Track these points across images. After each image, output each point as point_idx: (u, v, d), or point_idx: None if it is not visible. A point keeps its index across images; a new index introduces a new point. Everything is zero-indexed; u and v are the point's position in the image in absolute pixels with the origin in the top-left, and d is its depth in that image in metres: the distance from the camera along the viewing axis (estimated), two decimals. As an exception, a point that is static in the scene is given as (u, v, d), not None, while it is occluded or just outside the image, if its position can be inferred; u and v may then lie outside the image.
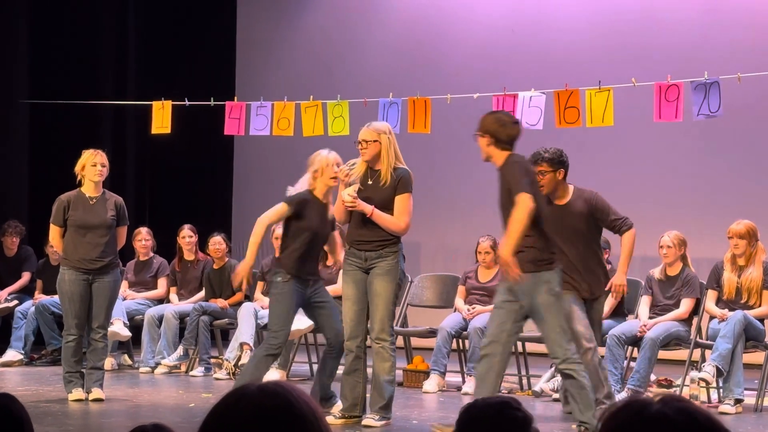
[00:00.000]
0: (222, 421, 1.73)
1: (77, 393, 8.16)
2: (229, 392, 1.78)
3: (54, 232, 8.44)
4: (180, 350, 10.18)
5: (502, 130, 6.84)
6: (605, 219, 7.77)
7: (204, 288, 10.54)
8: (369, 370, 7.34)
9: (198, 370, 10.07)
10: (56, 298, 10.77)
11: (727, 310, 8.42)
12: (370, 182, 7.37)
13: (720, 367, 8.07)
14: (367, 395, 7.31)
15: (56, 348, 10.70)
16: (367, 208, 7.24)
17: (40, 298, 10.76)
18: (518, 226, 6.45)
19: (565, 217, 7.59)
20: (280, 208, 7.62)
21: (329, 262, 10.06)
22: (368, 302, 7.27)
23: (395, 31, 13.18)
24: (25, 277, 11.12)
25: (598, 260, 7.78)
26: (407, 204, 7.33)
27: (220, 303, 10.28)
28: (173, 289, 10.76)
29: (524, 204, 6.48)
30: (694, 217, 10.90)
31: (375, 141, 7.38)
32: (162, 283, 10.81)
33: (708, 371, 8.09)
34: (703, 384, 8.31)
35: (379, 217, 7.24)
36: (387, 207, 7.28)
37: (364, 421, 7.20)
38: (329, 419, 7.09)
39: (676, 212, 11.09)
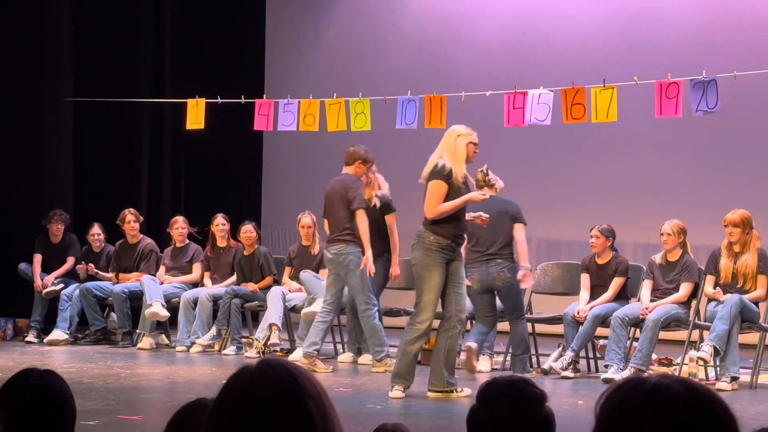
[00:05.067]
0: (230, 396, 1.71)
1: None
2: (236, 371, 1.76)
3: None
4: (213, 330, 10.18)
5: None
6: None
7: (235, 273, 10.52)
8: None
9: (230, 349, 10.07)
10: (100, 282, 10.83)
11: (720, 291, 8.38)
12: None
13: (717, 346, 8.02)
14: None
15: (99, 328, 10.74)
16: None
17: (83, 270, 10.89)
18: None
19: None
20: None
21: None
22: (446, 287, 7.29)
23: (413, 33, 13.13)
24: (70, 262, 11.14)
25: None
26: None
27: (250, 287, 10.27)
28: (207, 274, 10.76)
29: None
30: (693, 206, 10.83)
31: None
32: (197, 268, 10.81)
33: (706, 351, 8.05)
34: (701, 363, 8.26)
35: None
36: None
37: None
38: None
39: (676, 202, 11.01)
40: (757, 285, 8.41)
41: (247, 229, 10.51)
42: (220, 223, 10.67)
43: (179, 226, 10.87)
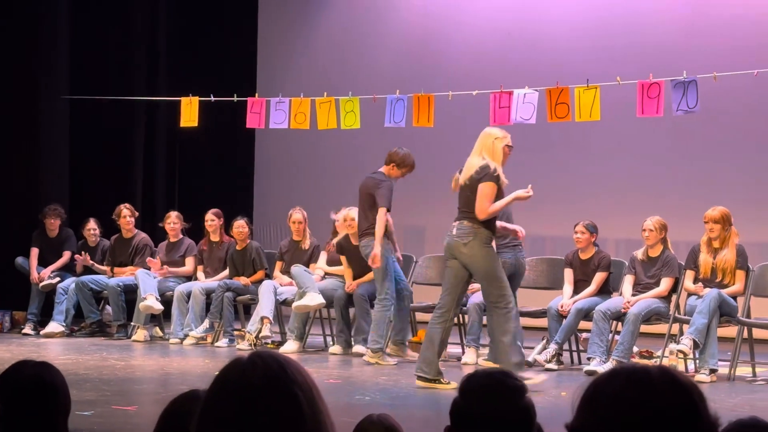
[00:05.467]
0: (222, 387, 1.74)
1: None
2: (229, 362, 1.79)
3: None
4: (206, 323, 10.20)
5: None
6: None
7: (228, 267, 10.55)
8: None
9: (222, 342, 10.09)
10: (95, 276, 10.84)
11: (702, 285, 8.43)
12: None
13: (696, 340, 8.07)
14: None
15: (94, 321, 10.75)
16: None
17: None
18: None
19: None
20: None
21: (333, 242, 10.07)
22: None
23: (402, 34, 13.16)
24: (66, 256, 11.14)
25: None
26: None
27: (242, 281, 10.29)
28: (200, 268, 10.78)
29: None
30: (674, 203, 10.88)
31: None
32: (189, 261, 10.83)
33: (685, 344, 8.10)
34: (681, 355, 8.31)
35: None
36: None
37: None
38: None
39: (658, 199, 11.07)
40: (736, 280, 8.47)
41: (240, 225, 10.54)
42: (209, 219, 10.70)
43: (171, 221, 10.89)
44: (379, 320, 8.88)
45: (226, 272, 10.54)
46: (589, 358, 8.56)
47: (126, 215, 10.92)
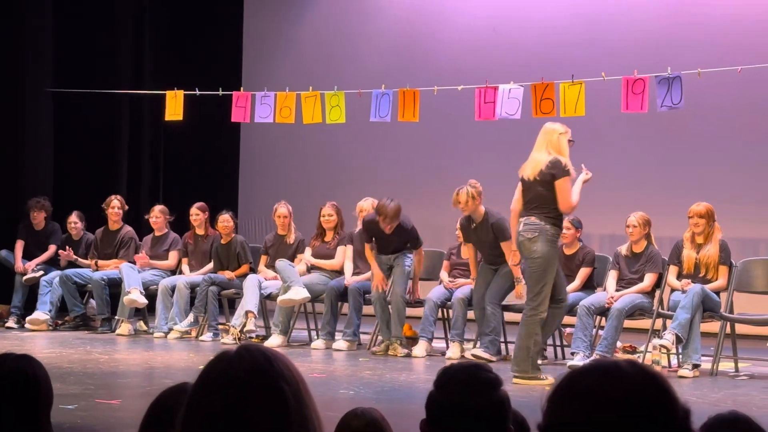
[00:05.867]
0: (208, 380, 1.73)
1: None
2: (216, 355, 1.79)
3: None
4: (191, 317, 10.19)
5: None
6: None
7: (213, 260, 10.54)
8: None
9: (207, 336, 10.08)
10: (79, 269, 10.81)
11: (689, 281, 8.45)
12: None
13: (679, 334, 8.10)
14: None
15: (78, 314, 10.73)
16: None
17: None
18: None
19: None
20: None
21: (327, 239, 10.08)
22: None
23: (388, 29, 13.16)
24: (51, 249, 11.11)
25: None
26: None
27: (227, 275, 10.29)
28: (185, 260, 10.77)
29: None
30: (658, 198, 10.91)
31: None
32: (173, 255, 10.82)
33: (668, 338, 8.13)
34: (664, 350, 8.34)
35: None
36: None
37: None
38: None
39: (641, 194, 11.10)
40: (719, 275, 8.51)
41: (224, 219, 10.53)
42: (194, 213, 10.69)
43: (154, 216, 10.88)
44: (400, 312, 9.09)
45: (211, 265, 10.52)
46: (572, 353, 8.58)
47: (115, 206, 10.92)
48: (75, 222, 11.10)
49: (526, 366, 7.54)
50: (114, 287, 10.56)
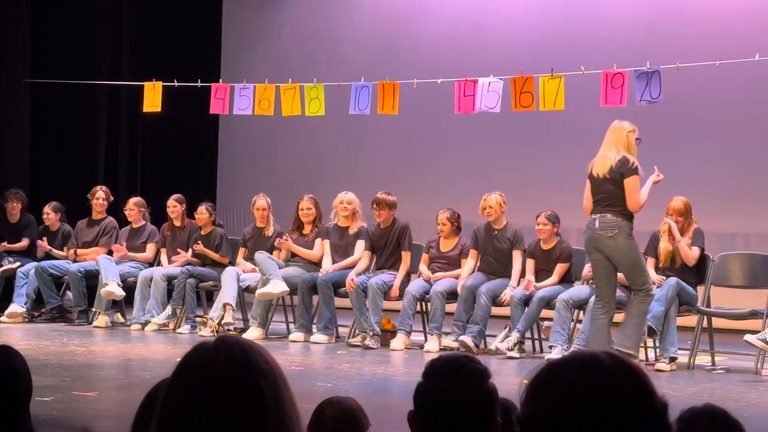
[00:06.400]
0: (185, 372, 1.73)
1: None
2: (193, 347, 1.78)
3: None
4: (168, 309, 10.17)
5: None
6: None
7: (191, 250, 10.49)
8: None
9: (185, 328, 10.06)
10: (56, 261, 10.77)
11: (664, 277, 8.49)
12: None
13: (653, 326, 8.13)
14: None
15: (54, 306, 10.68)
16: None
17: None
18: None
19: None
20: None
21: (305, 231, 10.07)
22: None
23: (368, 21, 13.14)
24: (24, 242, 11.05)
25: None
26: None
27: (200, 248, 10.25)
28: (163, 250, 10.75)
29: None
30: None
31: None
32: (150, 248, 10.80)
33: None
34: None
35: None
36: None
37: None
38: None
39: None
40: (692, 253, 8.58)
41: (200, 210, 10.52)
42: (171, 205, 10.68)
43: (128, 208, 10.87)
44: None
45: (190, 253, 10.46)
46: (550, 346, 8.61)
47: (100, 197, 10.92)
48: (48, 213, 11.05)
49: (637, 350, 7.88)
50: (91, 279, 10.52)
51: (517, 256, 9.22)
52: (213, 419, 1.67)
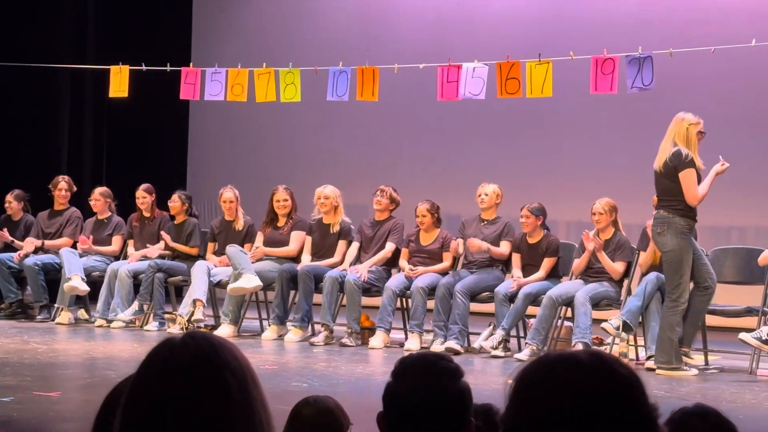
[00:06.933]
0: (150, 367, 1.73)
1: None
2: (160, 342, 1.78)
3: None
4: (135, 305, 10.14)
5: None
6: None
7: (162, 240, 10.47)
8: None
9: (152, 325, 10.04)
10: (12, 254, 10.70)
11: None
12: None
13: (628, 321, 8.15)
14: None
15: (13, 301, 10.64)
16: None
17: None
18: None
19: None
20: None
21: (280, 224, 10.06)
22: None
23: (346, 3, 13.13)
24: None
25: None
26: None
27: (167, 239, 10.22)
28: (131, 242, 10.72)
29: None
30: (626, 184, 10.98)
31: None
32: (116, 241, 10.76)
33: (611, 323, 8.18)
34: (608, 335, 8.39)
35: None
36: None
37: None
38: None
39: (609, 179, 11.17)
40: None
41: (174, 198, 10.51)
42: (140, 196, 10.64)
43: (93, 198, 10.82)
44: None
45: (161, 244, 10.45)
46: (526, 343, 8.63)
47: (63, 188, 10.88)
48: (10, 202, 11.00)
49: (670, 357, 7.87)
50: (54, 273, 10.48)
51: (504, 246, 9.25)
52: (177, 417, 1.67)
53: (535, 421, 1.58)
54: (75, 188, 11.06)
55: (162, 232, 10.39)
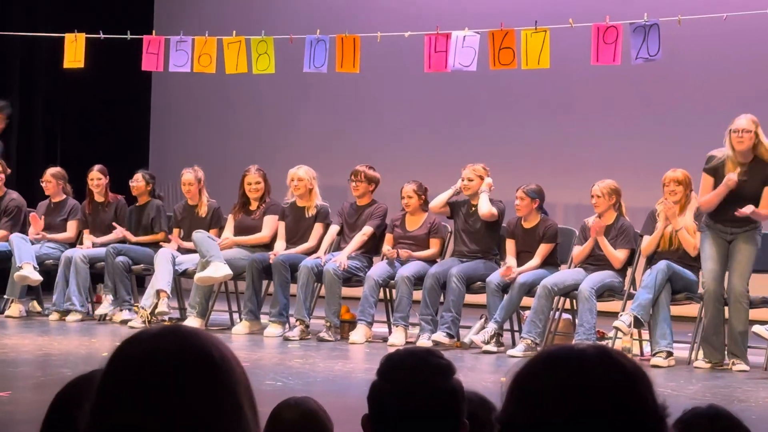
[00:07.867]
0: (120, 363, 1.71)
1: None
2: (133, 334, 1.77)
3: None
4: (110, 298, 10.07)
5: None
6: None
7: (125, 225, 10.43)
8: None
9: (124, 315, 9.92)
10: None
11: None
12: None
13: (639, 316, 8.14)
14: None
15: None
16: None
17: None
18: None
19: None
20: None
21: (252, 208, 10.04)
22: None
23: (324, -35, 13.10)
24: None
25: None
26: None
27: (128, 236, 10.20)
28: (86, 231, 10.65)
29: None
30: (631, 164, 11.01)
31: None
32: (71, 226, 10.69)
33: (624, 320, 8.17)
34: (620, 334, 8.39)
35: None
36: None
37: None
38: None
39: (613, 159, 11.20)
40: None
41: (136, 178, 10.44)
42: (95, 177, 10.56)
43: (45, 180, 10.73)
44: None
45: (118, 232, 10.38)
46: (521, 338, 8.63)
47: None
48: None
49: (722, 356, 8.21)
50: (2, 262, 10.42)
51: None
52: (161, 413, 1.65)
53: (536, 418, 1.58)
54: (9, 170, 10.90)
55: (120, 228, 10.29)
